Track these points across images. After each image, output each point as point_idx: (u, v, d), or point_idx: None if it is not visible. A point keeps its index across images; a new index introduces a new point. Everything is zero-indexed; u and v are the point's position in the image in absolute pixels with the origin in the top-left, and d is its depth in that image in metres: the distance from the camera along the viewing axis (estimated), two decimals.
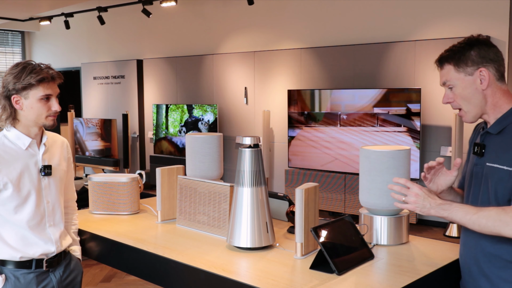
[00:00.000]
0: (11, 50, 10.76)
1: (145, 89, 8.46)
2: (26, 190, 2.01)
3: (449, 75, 1.74)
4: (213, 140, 2.63)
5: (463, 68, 1.71)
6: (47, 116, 2.04)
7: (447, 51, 1.76)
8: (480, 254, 1.72)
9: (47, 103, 2.03)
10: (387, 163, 2.03)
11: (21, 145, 2.03)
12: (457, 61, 1.72)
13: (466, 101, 1.73)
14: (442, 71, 1.76)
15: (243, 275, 1.85)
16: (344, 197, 5.99)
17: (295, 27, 6.81)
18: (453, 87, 1.74)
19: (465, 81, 1.72)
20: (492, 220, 1.57)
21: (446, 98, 1.77)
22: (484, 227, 1.59)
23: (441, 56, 1.78)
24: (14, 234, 2.01)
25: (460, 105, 1.75)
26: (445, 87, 1.77)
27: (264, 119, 6.74)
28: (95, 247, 2.36)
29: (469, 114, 1.75)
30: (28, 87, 1.98)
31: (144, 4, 7.25)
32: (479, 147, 1.74)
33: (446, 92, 1.77)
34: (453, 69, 1.73)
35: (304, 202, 1.95)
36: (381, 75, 5.94)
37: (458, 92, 1.73)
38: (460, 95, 1.73)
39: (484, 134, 1.75)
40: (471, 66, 1.71)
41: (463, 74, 1.72)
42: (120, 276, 4.43)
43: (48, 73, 2.01)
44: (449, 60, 1.74)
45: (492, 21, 5.30)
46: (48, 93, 2.02)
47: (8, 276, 2.01)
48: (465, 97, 1.73)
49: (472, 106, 1.73)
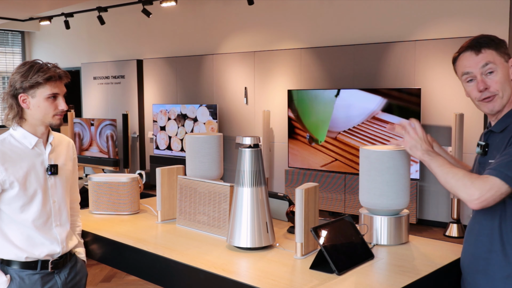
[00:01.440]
0: (11, 50, 10.76)
1: (145, 89, 8.46)
2: (33, 189, 2.01)
3: (493, 57, 1.69)
4: (213, 140, 2.63)
5: (503, 53, 1.70)
6: (54, 115, 2.04)
7: (481, 38, 1.72)
8: (479, 251, 1.72)
9: (54, 102, 2.03)
10: (387, 163, 2.03)
11: (28, 144, 2.03)
12: (497, 46, 1.71)
13: (504, 87, 1.69)
14: (482, 54, 1.70)
15: (243, 275, 1.85)
16: (344, 197, 5.99)
17: (295, 27, 6.81)
18: (493, 71, 1.69)
19: (505, 67, 1.71)
20: (455, 179, 1.64)
21: (483, 84, 1.70)
22: (447, 183, 1.67)
23: (476, 41, 1.72)
24: (19, 234, 2.00)
25: (497, 91, 1.70)
26: (480, 73, 1.70)
27: (264, 119, 6.74)
28: (95, 247, 2.36)
29: (499, 101, 1.71)
30: (35, 85, 1.98)
31: (144, 4, 7.25)
32: (482, 146, 1.75)
33: (482, 78, 1.71)
34: (495, 53, 1.70)
35: (304, 202, 1.95)
36: (381, 75, 5.94)
37: (498, 77, 1.69)
38: (500, 81, 1.69)
39: (488, 133, 1.76)
40: (507, 54, 1.71)
41: (503, 59, 1.70)
42: (120, 276, 4.43)
43: (56, 72, 2.01)
44: (489, 45, 1.70)
45: (492, 21, 5.30)
46: (55, 92, 2.02)
47: (13, 276, 2.01)
48: (503, 83, 1.69)
49: (506, 94, 1.70)
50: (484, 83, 1.70)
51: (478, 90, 1.71)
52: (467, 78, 1.74)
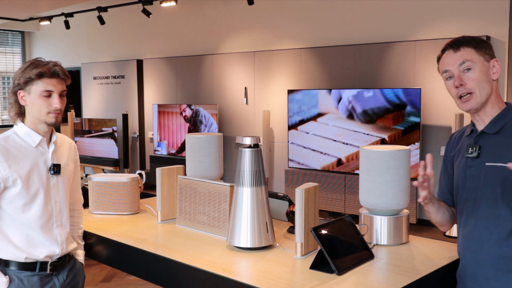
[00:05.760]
0: (11, 50, 10.76)
1: (145, 89, 8.46)
2: (35, 188, 2.00)
3: (471, 55, 1.71)
4: (213, 140, 2.63)
5: (483, 53, 1.72)
6: (48, 113, 2.01)
7: (463, 37, 1.75)
8: (486, 258, 1.70)
9: (48, 100, 2.01)
10: (387, 163, 2.03)
11: (31, 142, 2.03)
12: (477, 45, 1.72)
13: (481, 85, 1.70)
14: (460, 52, 1.72)
15: (243, 275, 1.85)
16: (344, 197, 5.99)
17: (295, 27, 6.81)
18: (471, 68, 1.70)
19: (484, 65, 1.71)
20: None
21: (459, 80, 1.71)
22: None
23: (456, 40, 1.75)
24: (19, 234, 2.00)
25: (473, 89, 1.71)
26: (458, 70, 1.72)
27: (264, 119, 6.74)
28: (95, 247, 2.36)
29: (477, 99, 1.71)
30: (29, 81, 1.98)
31: (144, 4, 7.25)
32: (475, 148, 1.74)
33: (459, 75, 1.72)
34: (474, 51, 1.71)
35: (304, 202, 1.95)
36: (381, 75, 5.94)
37: (475, 75, 1.70)
38: (477, 78, 1.70)
39: (479, 135, 1.75)
40: (488, 54, 1.72)
41: (482, 58, 1.71)
42: (120, 276, 4.43)
43: (48, 68, 1.99)
44: (468, 44, 1.72)
45: (492, 21, 5.30)
46: (49, 89, 1.99)
47: (12, 277, 2.00)
48: (481, 80, 1.70)
49: (484, 92, 1.71)
50: (460, 80, 1.71)
51: (454, 86, 1.73)
52: (446, 75, 1.76)
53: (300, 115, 6.31)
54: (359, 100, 5.83)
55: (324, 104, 6.10)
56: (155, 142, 7.95)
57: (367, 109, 5.77)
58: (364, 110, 5.80)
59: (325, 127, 6.11)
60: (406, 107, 5.50)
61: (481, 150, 1.73)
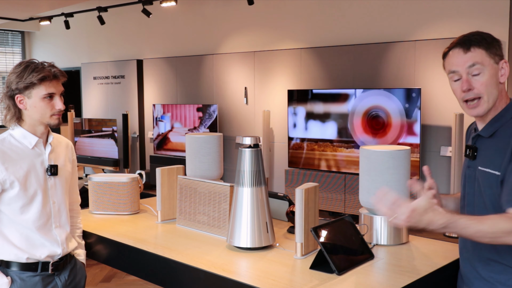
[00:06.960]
0: (11, 50, 10.76)
1: (145, 89, 8.46)
2: (33, 190, 2.00)
3: (481, 57, 1.59)
4: (213, 140, 2.63)
5: (493, 54, 1.61)
6: (52, 115, 2.02)
7: (473, 35, 1.63)
8: (478, 258, 1.70)
9: (51, 102, 2.01)
10: (387, 163, 2.03)
11: (28, 144, 2.02)
12: (488, 46, 1.61)
13: (489, 90, 1.60)
14: (470, 53, 1.60)
15: (243, 275, 1.85)
16: (344, 197, 5.99)
17: (295, 27, 6.81)
18: (480, 72, 1.60)
19: (494, 68, 1.61)
20: (490, 233, 1.49)
21: (467, 84, 1.60)
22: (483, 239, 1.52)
23: (467, 38, 1.63)
24: (19, 235, 2.00)
25: (481, 93, 1.61)
26: (466, 73, 1.62)
27: (264, 119, 6.74)
28: (95, 247, 2.36)
29: (484, 106, 1.61)
30: (30, 86, 1.97)
31: (144, 4, 7.25)
32: (471, 150, 1.70)
33: (467, 78, 1.61)
34: (484, 53, 1.60)
35: (304, 202, 1.95)
36: (381, 75, 5.94)
37: (485, 79, 1.60)
38: (486, 83, 1.60)
39: (476, 136, 1.70)
40: (498, 55, 1.62)
41: (492, 61, 1.61)
42: (120, 276, 4.43)
43: (50, 72, 1.99)
44: (479, 44, 1.60)
45: (492, 21, 5.30)
46: (51, 92, 2.00)
47: (13, 278, 2.00)
48: (489, 85, 1.60)
49: (492, 98, 1.61)
50: (468, 83, 1.61)
51: (462, 90, 1.63)
52: (453, 77, 1.66)
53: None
54: (359, 100, 5.82)
55: (324, 104, 6.10)
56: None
57: (367, 109, 5.77)
58: (364, 110, 5.79)
59: (325, 127, 6.11)
60: (406, 107, 5.50)
61: (477, 152, 1.68)
